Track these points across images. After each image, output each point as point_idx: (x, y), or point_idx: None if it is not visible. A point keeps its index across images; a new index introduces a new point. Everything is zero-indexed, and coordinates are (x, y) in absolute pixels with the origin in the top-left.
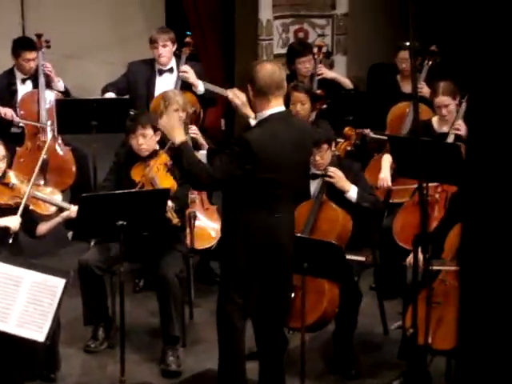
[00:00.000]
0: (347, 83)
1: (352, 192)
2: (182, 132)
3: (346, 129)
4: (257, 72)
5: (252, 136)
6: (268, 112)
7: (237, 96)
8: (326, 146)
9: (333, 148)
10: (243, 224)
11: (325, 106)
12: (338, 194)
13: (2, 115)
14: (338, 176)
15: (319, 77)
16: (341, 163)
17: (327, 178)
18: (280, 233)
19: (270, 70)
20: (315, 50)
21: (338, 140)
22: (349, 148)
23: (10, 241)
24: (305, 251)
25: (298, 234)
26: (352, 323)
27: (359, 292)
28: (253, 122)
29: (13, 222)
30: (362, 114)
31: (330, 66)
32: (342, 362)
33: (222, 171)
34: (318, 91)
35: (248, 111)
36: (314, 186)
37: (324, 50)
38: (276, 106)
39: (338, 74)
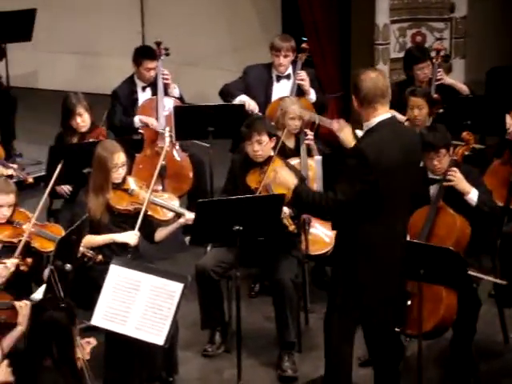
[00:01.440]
0: (464, 89)
1: (473, 194)
2: (293, 178)
3: (464, 133)
4: (361, 81)
5: (364, 145)
6: (375, 120)
7: (342, 128)
8: (444, 151)
9: (450, 153)
10: (363, 236)
11: (441, 111)
12: (455, 200)
13: (150, 126)
14: (458, 178)
15: (438, 82)
16: (459, 168)
17: (446, 183)
18: (397, 243)
19: (374, 78)
20: (433, 53)
21: (456, 144)
22: (467, 153)
23: (129, 256)
24: (421, 257)
25: (415, 240)
26: (470, 331)
27: (478, 299)
28: (360, 133)
29: (131, 238)
30: (481, 119)
31: (449, 70)
32: (460, 370)
33: (348, 192)
34: (435, 96)
35: (351, 142)
36: (432, 191)
37: (442, 53)
38: (383, 114)
39: (457, 77)
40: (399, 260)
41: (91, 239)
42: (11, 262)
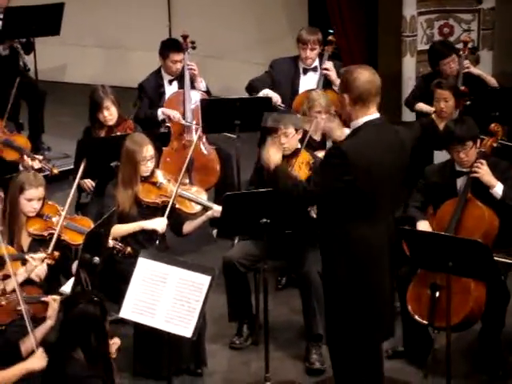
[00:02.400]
0: (492, 81)
1: (498, 188)
2: (278, 157)
3: (492, 125)
4: (356, 79)
5: (347, 146)
6: (363, 120)
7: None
8: (470, 143)
9: (478, 145)
10: (344, 238)
11: (468, 103)
12: (484, 192)
13: (172, 118)
14: (484, 170)
15: (465, 70)
16: (487, 160)
17: (473, 174)
18: (381, 244)
19: (369, 77)
20: (461, 45)
21: (483, 137)
22: (495, 145)
23: (157, 242)
24: (449, 250)
25: (442, 233)
26: (499, 323)
27: (507, 291)
28: (347, 131)
29: (160, 224)
30: (509, 110)
31: (476, 62)
32: (488, 363)
33: (320, 185)
34: (462, 87)
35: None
36: (459, 183)
37: (470, 45)
38: (372, 114)
39: (484, 69)
40: (384, 261)
41: (119, 228)
42: (38, 257)
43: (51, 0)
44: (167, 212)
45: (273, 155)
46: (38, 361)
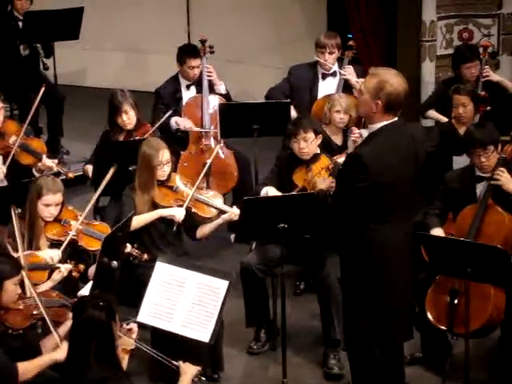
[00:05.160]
0: None
1: None
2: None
3: None
4: (391, 85)
5: (363, 151)
6: (380, 124)
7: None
8: (491, 148)
9: (498, 150)
10: (364, 242)
11: (489, 108)
12: (504, 198)
13: (182, 128)
14: (505, 178)
15: (484, 79)
16: (508, 166)
17: (494, 182)
18: (401, 248)
19: (403, 84)
20: (480, 50)
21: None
22: None
23: (174, 228)
24: (468, 256)
25: (462, 238)
26: None
27: None
28: (365, 134)
29: (178, 212)
30: None
31: (496, 67)
32: (507, 370)
33: (342, 197)
34: (482, 93)
35: None
36: (479, 189)
37: (489, 50)
38: (391, 118)
39: (504, 74)
40: (405, 266)
41: (140, 218)
42: (65, 267)
43: (71, 4)
44: (185, 206)
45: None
46: (62, 352)
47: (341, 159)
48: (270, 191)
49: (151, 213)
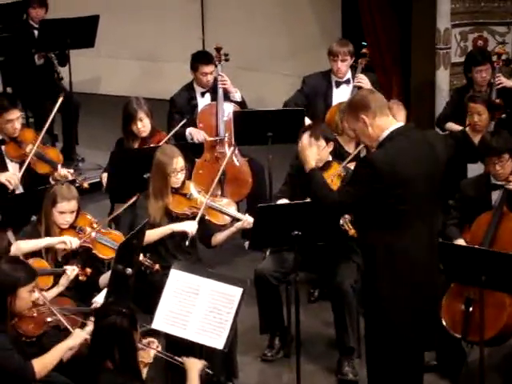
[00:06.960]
0: None
1: None
2: (313, 162)
3: None
4: (365, 97)
5: (375, 156)
6: (387, 131)
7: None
8: (507, 156)
9: None
10: (385, 249)
11: (504, 116)
12: None
13: (195, 140)
14: None
15: (498, 86)
16: None
17: (509, 187)
18: (424, 255)
19: (370, 92)
20: (494, 57)
21: None
22: None
23: (187, 243)
24: (483, 263)
25: (476, 246)
26: None
27: None
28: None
29: (189, 226)
30: None
31: (510, 74)
32: None
33: (348, 194)
34: (497, 100)
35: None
36: (494, 197)
37: (504, 57)
38: (393, 123)
39: None
40: (427, 272)
41: (152, 233)
42: (71, 270)
43: (87, 12)
44: (198, 218)
45: (311, 156)
46: (74, 337)
47: (353, 166)
48: None
49: (163, 228)
